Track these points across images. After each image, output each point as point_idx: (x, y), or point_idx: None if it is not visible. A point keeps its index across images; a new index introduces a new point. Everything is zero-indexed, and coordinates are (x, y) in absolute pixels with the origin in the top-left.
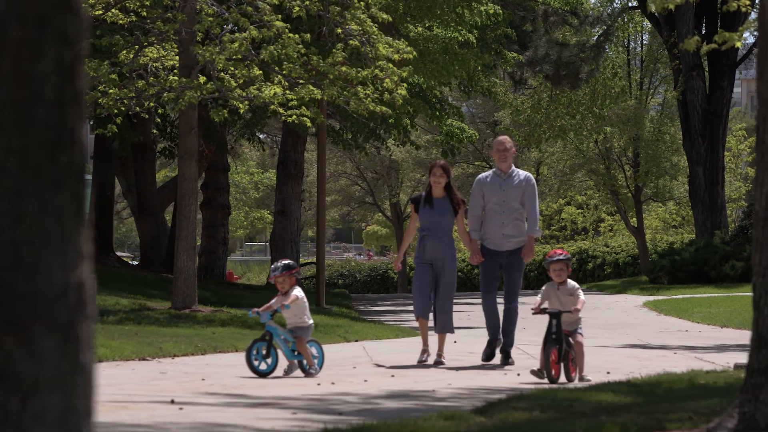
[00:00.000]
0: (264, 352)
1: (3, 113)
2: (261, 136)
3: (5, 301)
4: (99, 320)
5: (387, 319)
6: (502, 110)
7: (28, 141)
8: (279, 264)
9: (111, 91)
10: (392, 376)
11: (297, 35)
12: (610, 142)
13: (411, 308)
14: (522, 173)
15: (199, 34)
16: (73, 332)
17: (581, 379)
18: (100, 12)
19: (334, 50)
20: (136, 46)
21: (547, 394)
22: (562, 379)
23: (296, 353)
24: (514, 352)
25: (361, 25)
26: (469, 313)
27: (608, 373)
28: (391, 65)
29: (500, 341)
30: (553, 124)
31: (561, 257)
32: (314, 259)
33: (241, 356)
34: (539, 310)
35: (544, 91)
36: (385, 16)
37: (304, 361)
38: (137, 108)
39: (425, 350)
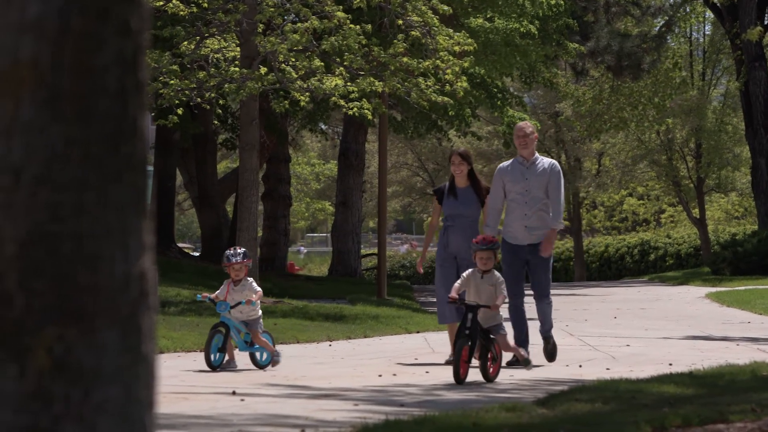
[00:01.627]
0: (220, 344)
1: (64, 104)
2: (322, 126)
3: (67, 293)
4: (160, 311)
5: None
6: (563, 101)
7: (90, 132)
8: (238, 250)
9: (172, 82)
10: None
11: (358, 26)
12: (672, 133)
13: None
14: (546, 160)
15: (261, 24)
16: (134, 323)
17: (522, 360)
18: (161, 3)
19: (395, 41)
20: (197, 37)
21: (609, 386)
22: (478, 378)
23: (250, 345)
24: (576, 344)
25: (422, 16)
26: (529, 304)
27: (670, 364)
28: (451, 57)
29: (528, 352)
30: (615, 115)
31: (490, 245)
32: (375, 251)
33: (303, 348)
34: (455, 299)
35: (605, 82)
36: (446, 8)
37: (257, 354)
38: (198, 99)
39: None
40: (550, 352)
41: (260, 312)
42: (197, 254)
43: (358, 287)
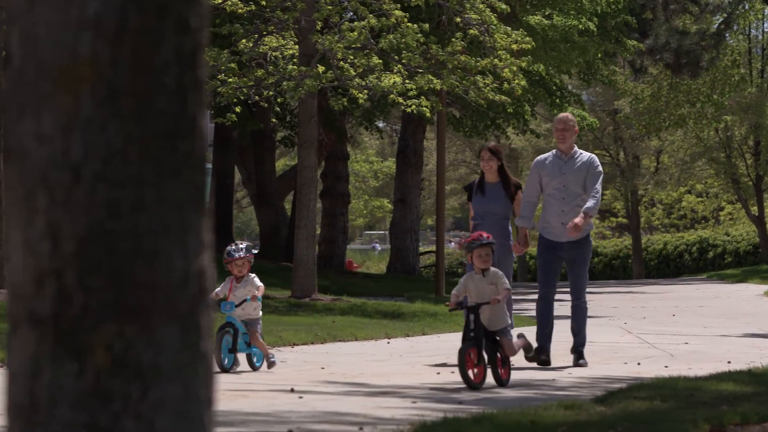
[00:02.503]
0: (230, 345)
1: (123, 102)
2: (380, 124)
3: (126, 290)
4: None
5: None
6: (622, 99)
7: (149, 129)
8: (240, 245)
9: (230, 80)
10: (512, 365)
11: (416, 24)
12: (730, 131)
13: (533, 296)
14: (586, 154)
15: (319, 22)
16: (193, 321)
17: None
18: (220, 1)
19: (453, 39)
20: (256, 35)
21: (667, 384)
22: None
23: (248, 345)
24: (635, 341)
25: (480, 14)
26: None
27: (729, 362)
28: (509, 56)
29: (547, 352)
30: (673, 113)
31: (487, 241)
32: (433, 248)
33: (361, 345)
34: (455, 306)
35: (664, 79)
36: (504, 6)
37: (254, 356)
38: (256, 97)
39: None
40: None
41: (260, 313)
42: (256, 252)
43: (416, 285)
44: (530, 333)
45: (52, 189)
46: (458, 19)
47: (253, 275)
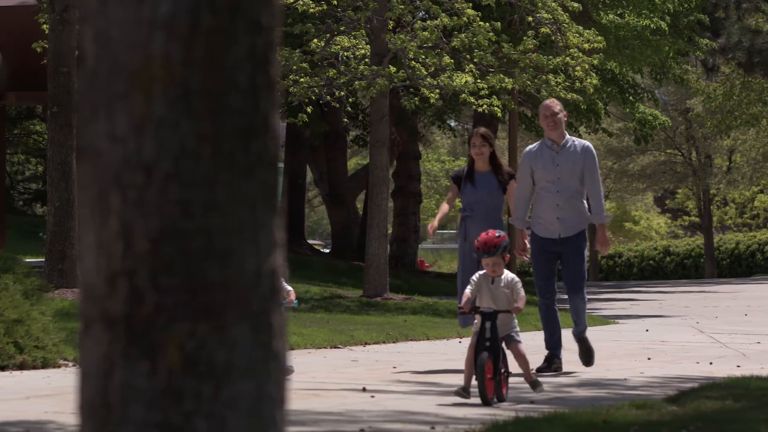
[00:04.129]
0: None
1: (196, 101)
2: (452, 123)
3: (198, 289)
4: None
5: None
6: (694, 98)
7: (221, 129)
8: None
9: (302, 79)
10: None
11: (488, 23)
12: None
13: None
14: (579, 142)
15: (390, 22)
16: (265, 320)
17: (536, 386)
18: (292, 0)
19: (524, 38)
20: (328, 35)
21: (739, 383)
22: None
23: None
24: (707, 341)
25: (552, 13)
26: (660, 301)
27: None
28: (581, 54)
29: (559, 360)
30: (745, 111)
31: (493, 251)
32: None
33: (432, 344)
34: (471, 309)
35: (736, 78)
36: (576, 5)
37: None
38: (328, 97)
39: None
40: (586, 356)
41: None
42: (327, 251)
43: None
44: (532, 337)
45: (125, 189)
46: (530, 18)
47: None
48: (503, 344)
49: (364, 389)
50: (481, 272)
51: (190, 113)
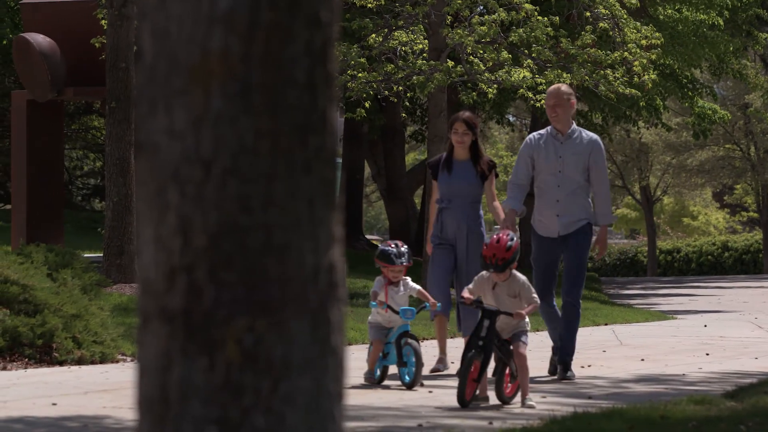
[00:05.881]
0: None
1: (254, 96)
2: (510, 118)
3: (257, 284)
4: (349, 303)
5: (636, 303)
6: (753, 92)
7: (279, 124)
8: (402, 248)
9: (360, 74)
10: (642, 359)
11: (546, 18)
12: None
13: (663, 291)
14: (586, 134)
15: (448, 17)
16: (323, 315)
17: (523, 403)
18: None
19: (583, 33)
20: (386, 30)
21: None
22: (492, 399)
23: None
24: (766, 336)
25: (610, 9)
26: (718, 297)
27: None
28: (638, 50)
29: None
30: None
31: (503, 265)
32: None
33: None
34: (474, 303)
35: None
36: (633, 1)
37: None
38: (386, 92)
39: (442, 358)
40: (561, 377)
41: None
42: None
43: None
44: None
45: (183, 184)
46: (588, 14)
47: (407, 278)
48: (512, 345)
49: (422, 384)
50: (484, 273)
51: (248, 109)
